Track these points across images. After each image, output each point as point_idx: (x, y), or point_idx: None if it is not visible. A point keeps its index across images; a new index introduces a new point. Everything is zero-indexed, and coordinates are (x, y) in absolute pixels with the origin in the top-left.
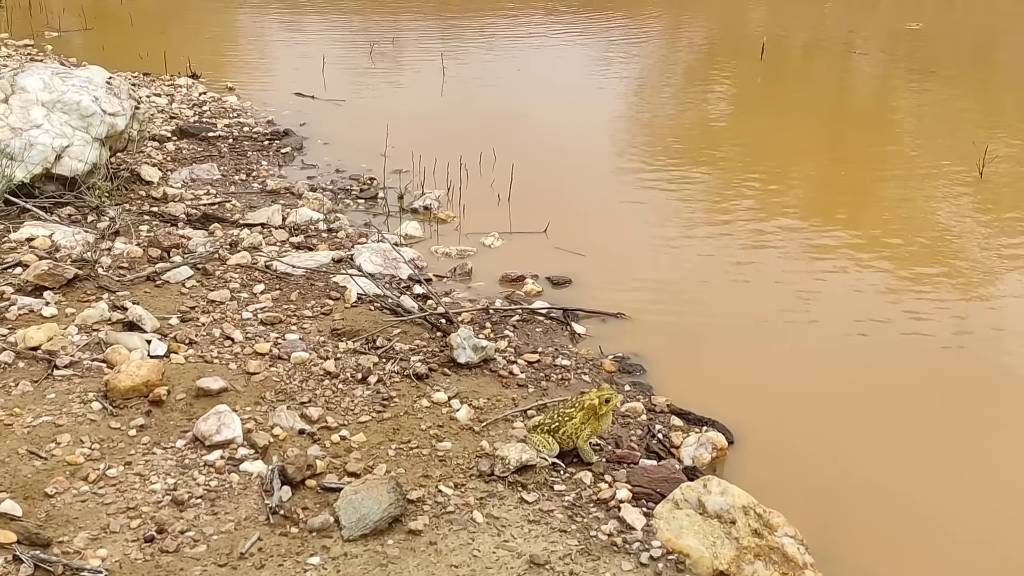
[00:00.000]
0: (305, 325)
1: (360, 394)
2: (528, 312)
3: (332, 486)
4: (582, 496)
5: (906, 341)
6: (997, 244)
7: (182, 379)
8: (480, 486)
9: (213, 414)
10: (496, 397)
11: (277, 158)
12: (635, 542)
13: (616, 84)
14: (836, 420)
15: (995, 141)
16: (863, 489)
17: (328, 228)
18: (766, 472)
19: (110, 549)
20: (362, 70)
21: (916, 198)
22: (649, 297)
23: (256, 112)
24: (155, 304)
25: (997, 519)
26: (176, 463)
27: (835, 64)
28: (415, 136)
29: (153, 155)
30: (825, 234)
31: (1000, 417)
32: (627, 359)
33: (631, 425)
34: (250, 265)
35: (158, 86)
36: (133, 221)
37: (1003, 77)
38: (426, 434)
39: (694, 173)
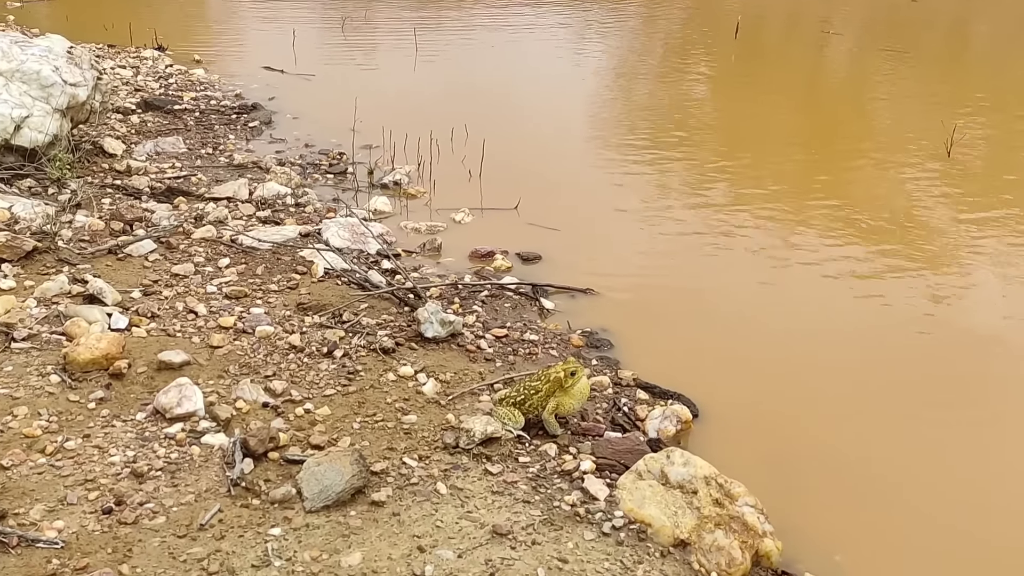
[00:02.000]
0: (271, 299)
1: (325, 368)
2: (497, 287)
3: (295, 458)
4: (546, 468)
5: (873, 317)
6: (961, 221)
7: (144, 352)
8: (445, 458)
9: (174, 387)
10: (463, 371)
11: (245, 132)
12: (598, 512)
13: (591, 62)
14: (800, 394)
15: (963, 121)
16: (824, 461)
17: (296, 203)
18: (729, 444)
19: (67, 521)
20: (333, 45)
21: (885, 177)
22: (618, 273)
23: (224, 85)
24: (117, 277)
25: (957, 490)
26: (136, 436)
27: (809, 44)
28: (386, 112)
29: (117, 128)
30: (795, 212)
31: (965, 392)
32: (595, 334)
33: (597, 399)
34: (215, 239)
35: (123, 58)
36: (95, 194)
37: (974, 56)
38: (392, 407)
39: (667, 151)
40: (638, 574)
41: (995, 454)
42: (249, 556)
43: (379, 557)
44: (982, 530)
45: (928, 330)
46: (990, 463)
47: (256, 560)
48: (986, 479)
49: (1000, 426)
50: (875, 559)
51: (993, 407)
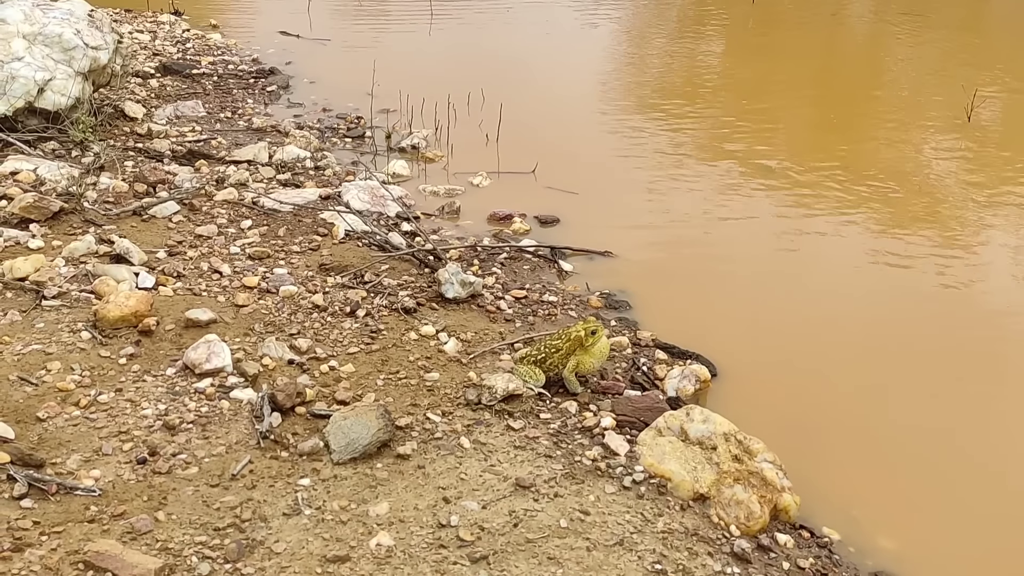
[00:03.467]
0: (293, 260)
1: (348, 327)
2: (516, 250)
3: (321, 413)
4: (567, 424)
5: (892, 280)
6: (981, 186)
7: (171, 311)
8: (467, 414)
9: (203, 343)
10: (483, 331)
11: (263, 96)
12: (618, 467)
13: (608, 26)
14: (818, 355)
15: (983, 86)
16: (841, 420)
17: (315, 166)
18: (748, 403)
19: (103, 470)
20: (348, 9)
21: (904, 143)
22: (636, 236)
23: (240, 50)
24: (142, 238)
25: (974, 448)
26: (167, 390)
27: (828, 7)
28: (403, 76)
29: (137, 91)
30: (814, 176)
31: (984, 354)
32: (613, 296)
33: (616, 358)
34: (237, 201)
35: (140, 22)
36: (118, 157)
37: (995, 21)
38: (414, 365)
39: (685, 115)
40: (658, 526)
41: (1013, 414)
42: (280, 505)
43: (405, 507)
44: (998, 487)
45: (947, 294)
46: (1008, 423)
47: (287, 508)
48: (1004, 438)
49: (1019, 387)
50: (892, 515)
51: (1012, 369)
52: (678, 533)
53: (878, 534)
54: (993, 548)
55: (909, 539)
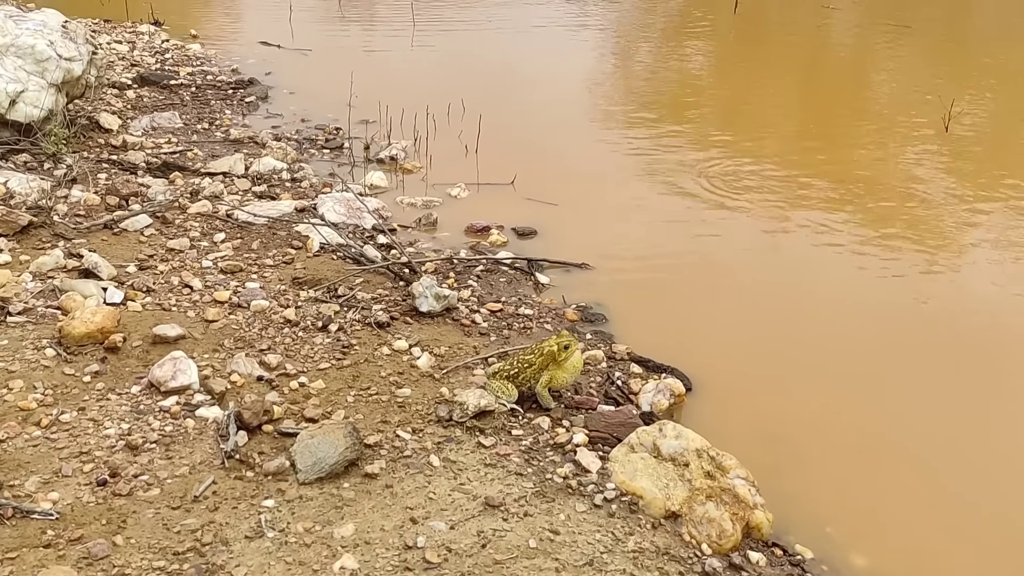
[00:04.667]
0: (266, 274)
1: (320, 342)
2: (492, 262)
3: (289, 431)
4: (539, 440)
5: (869, 291)
6: (958, 196)
7: (139, 326)
8: (438, 431)
9: (169, 360)
10: (458, 345)
11: (241, 107)
12: (590, 484)
13: (590, 36)
14: (794, 368)
15: (962, 96)
16: (816, 433)
17: (292, 178)
18: (723, 417)
19: (62, 492)
20: (330, 19)
21: (883, 154)
22: (614, 248)
23: (220, 61)
24: (112, 252)
25: (950, 464)
26: (131, 408)
27: (809, 19)
28: (383, 86)
29: (113, 103)
30: (793, 189)
31: (961, 366)
32: (589, 308)
33: (591, 372)
34: (211, 214)
35: (119, 33)
36: (91, 169)
37: (975, 32)
38: (386, 381)
39: (665, 128)
40: (629, 545)
41: (989, 429)
42: (243, 527)
43: (372, 528)
44: (973, 504)
45: (924, 308)
46: (984, 437)
47: (250, 531)
48: (980, 454)
49: (995, 402)
50: (866, 532)
51: (988, 383)
52: (649, 552)
53: (852, 551)
54: (968, 565)
55: (883, 556)
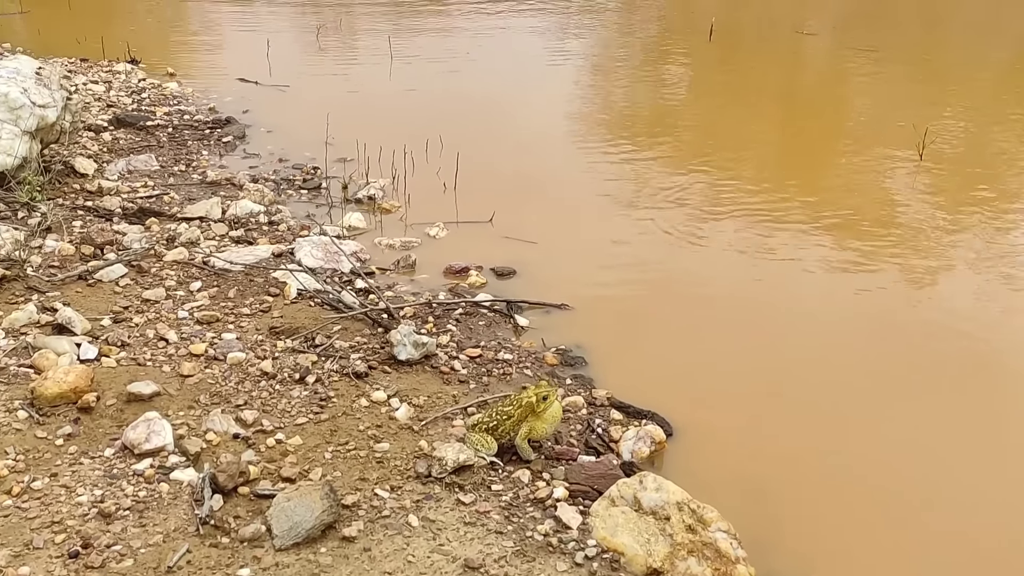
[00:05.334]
0: (243, 323)
1: (297, 395)
2: (471, 305)
3: (265, 493)
4: (519, 496)
5: (853, 331)
6: (935, 224)
7: (113, 383)
8: (417, 488)
9: (142, 421)
10: (436, 394)
11: (218, 147)
12: (571, 542)
13: (567, 67)
14: (777, 410)
15: (936, 121)
16: (800, 479)
17: (269, 220)
18: (704, 464)
19: (33, 566)
20: (308, 54)
21: (859, 183)
22: (595, 286)
23: (197, 99)
24: (87, 304)
25: (938, 515)
26: (104, 473)
27: (783, 46)
28: (361, 122)
29: (88, 146)
30: (773, 225)
31: (949, 401)
32: (569, 351)
33: (571, 420)
34: (187, 261)
35: (95, 72)
36: (66, 217)
37: (949, 56)
38: (364, 435)
39: (643, 160)
40: None
41: (983, 469)
42: None
43: None
44: (961, 553)
45: (911, 346)
46: (978, 479)
47: None
48: (969, 501)
49: (988, 439)
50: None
51: (980, 416)
52: None
53: None
54: None
55: None
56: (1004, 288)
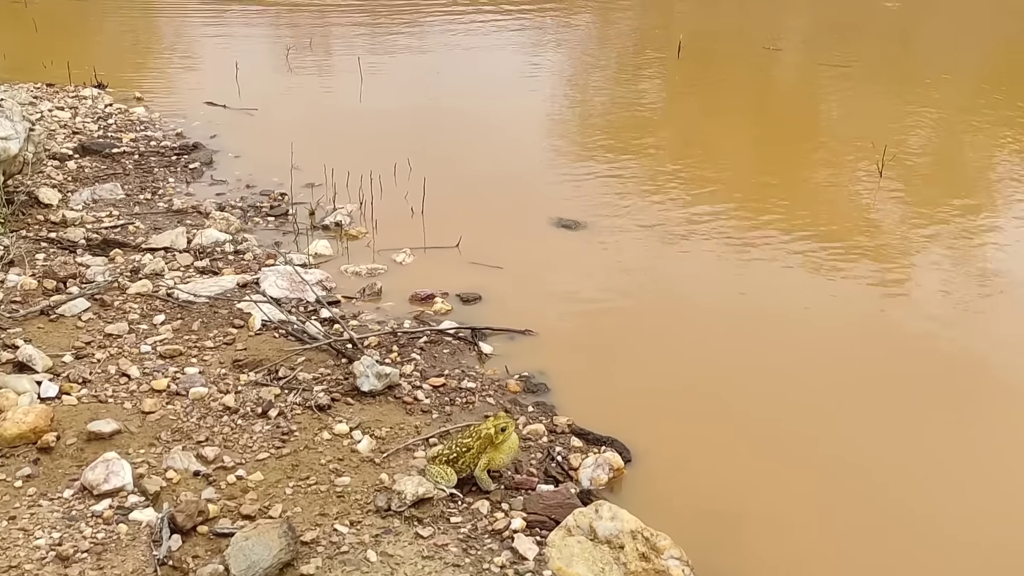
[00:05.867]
0: (206, 357)
1: (259, 429)
2: (436, 333)
3: (224, 531)
4: (478, 527)
5: (819, 349)
6: (893, 243)
7: (74, 422)
8: (376, 522)
9: (101, 462)
10: (399, 425)
11: (185, 174)
12: (527, 573)
13: (537, 89)
14: (738, 434)
15: (897, 138)
16: (760, 504)
17: (235, 250)
18: (662, 490)
19: None
20: (278, 76)
21: (817, 201)
22: (560, 311)
23: (164, 124)
24: (49, 341)
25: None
26: (63, 515)
27: (751, 62)
28: (330, 146)
29: (53, 175)
30: (737, 249)
31: (922, 422)
32: (532, 378)
33: (532, 448)
34: (151, 294)
35: (61, 98)
36: (29, 249)
37: (916, 72)
38: (325, 468)
39: (609, 183)
40: None
41: (950, 504)
42: None
43: None
44: None
45: (879, 368)
46: (944, 517)
47: None
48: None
49: (956, 474)
50: None
51: (947, 454)
52: None
53: None
54: None
55: None
56: (979, 302)
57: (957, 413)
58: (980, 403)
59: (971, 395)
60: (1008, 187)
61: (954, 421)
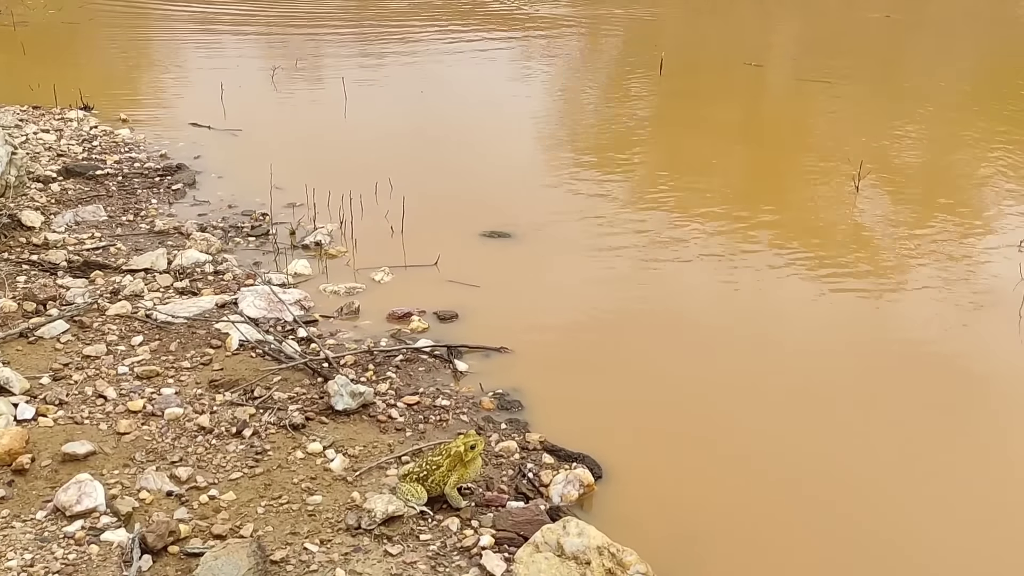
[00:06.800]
0: (183, 377)
1: (233, 449)
2: (412, 351)
3: (195, 551)
4: (447, 544)
5: (793, 373)
6: (876, 256)
7: (49, 443)
8: (347, 540)
9: (74, 483)
10: (372, 444)
11: (168, 195)
12: None
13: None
14: (708, 451)
15: (874, 154)
16: (730, 523)
17: (215, 270)
18: (631, 506)
19: None
20: (263, 96)
21: (794, 219)
22: (535, 328)
23: (149, 145)
24: (27, 363)
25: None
26: (35, 536)
27: (732, 78)
28: (312, 166)
29: (36, 198)
30: (716, 266)
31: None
32: (506, 396)
33: (503, 465)
34: (130, 315)
35: (47, 120)
36: (10, 272)
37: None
38: (298, 487)
39: (586, 201)
40: None
41: (925, 526)
42: None
43: None
44: None
45: (853, 395)
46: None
47: None
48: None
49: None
50: None
51: (924, 465)
52: None
53: None
54: None
55: None
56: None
57: (937, 433)
58: (961, 422)
59: (954, 415)
60: (995, 199)
61: (934, 442)
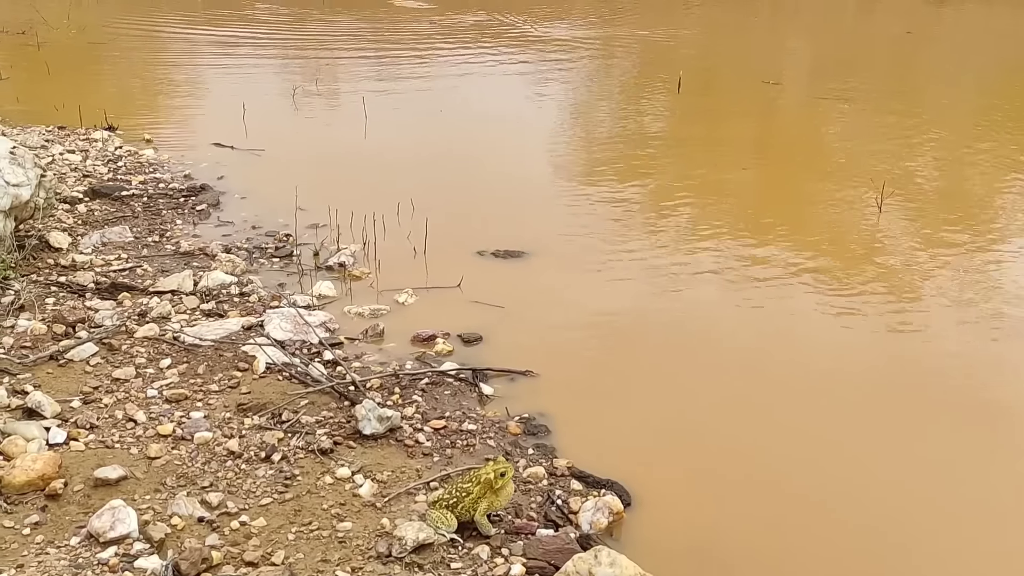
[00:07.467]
0: (211, 400)
1: (263, 474)
2: (437, 374)
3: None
4: (477, 573)
5: (821, 396)
6: (891, 278)
7: (81, 468)
8: (378, 568)
9: (107, 510)
10: (400, 469)
11: (192, 216)
12: None
13: (538, 126)
14: (738, 476)
15: (897, 173)
16: (758, 550)
17: (240, 292)
18: (662, 534)
19: None
20: (284, 116)
21: (816, 241)
22: (561, 350)
23: (173, 166)
24: (57, 386)
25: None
26: (69, 563)
27: (750, 96)
28: (335, 186)
29: (63, 219)
30: (740, 287)
31: (913, 482)
32: (532, 420)
33: (532, 492)
34: (158, 337)
35: (72, 141)
36: (39, 294)
37: (914, 104)
38: (327, 514)
39: (607, 221)
40: None
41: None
42: None
43: None
44: None
45: (880, 418)
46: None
47: None
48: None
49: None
50: None
51: (947, 485)
52: None
53: None
54: None
55: None
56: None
57: (965, 457)
58: (988, 446)
59: (982, 439)
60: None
61: (962, 465)
